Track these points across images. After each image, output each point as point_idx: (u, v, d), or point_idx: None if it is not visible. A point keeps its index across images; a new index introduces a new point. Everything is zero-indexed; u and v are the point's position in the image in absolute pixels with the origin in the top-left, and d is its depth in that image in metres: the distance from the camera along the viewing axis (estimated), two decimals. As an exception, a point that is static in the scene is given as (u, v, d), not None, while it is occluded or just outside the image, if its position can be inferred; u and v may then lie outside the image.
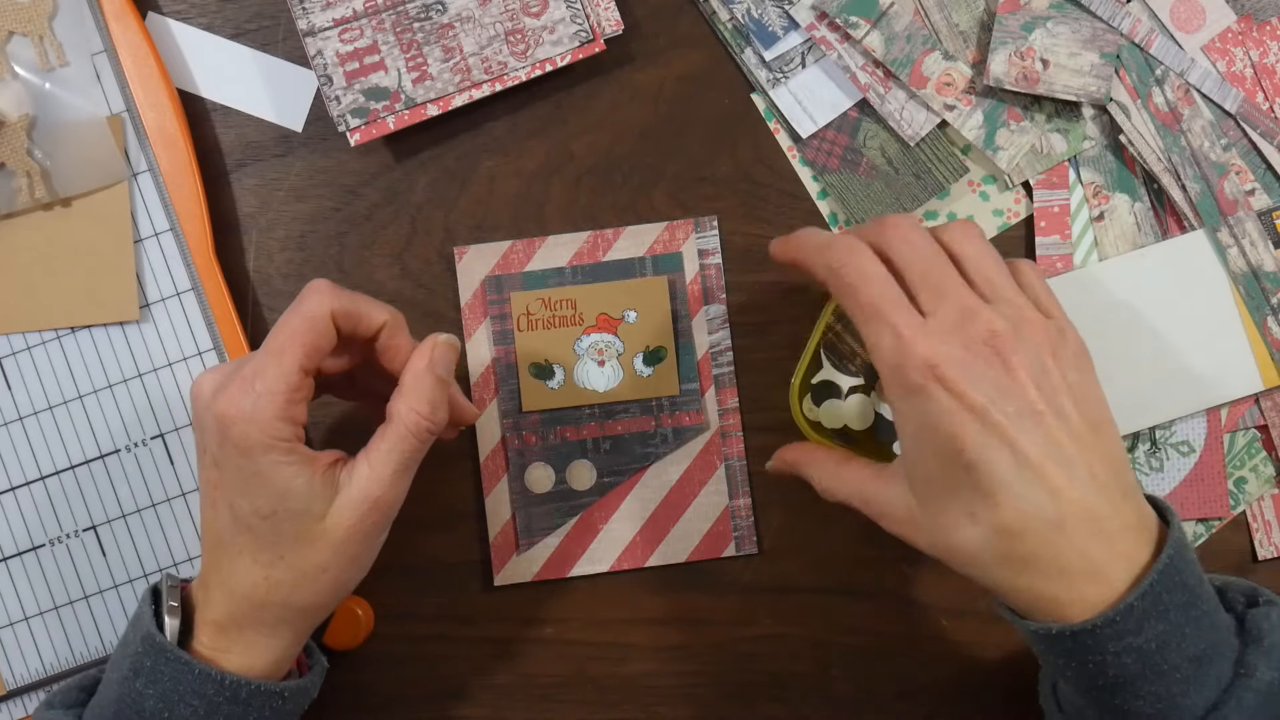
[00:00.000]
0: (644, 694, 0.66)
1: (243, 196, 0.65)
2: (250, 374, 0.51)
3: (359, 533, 0.53)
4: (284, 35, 0.65)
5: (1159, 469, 0.65)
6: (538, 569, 0.65)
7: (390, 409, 0.54)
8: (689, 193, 0.66)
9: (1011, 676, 0.66)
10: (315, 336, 0.52)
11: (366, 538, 0.53)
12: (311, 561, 0.52)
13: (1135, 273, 0.64)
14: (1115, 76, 0.64)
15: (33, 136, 0.62)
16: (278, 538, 0.52)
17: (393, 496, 0.53)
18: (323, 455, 0.53)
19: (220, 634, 0.53)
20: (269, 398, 0.51)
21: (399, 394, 0.54)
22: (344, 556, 0.53)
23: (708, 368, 0.65)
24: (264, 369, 0.51)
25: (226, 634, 0.53)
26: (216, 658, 0.53)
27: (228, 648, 0.53)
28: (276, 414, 0.51)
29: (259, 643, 0.53)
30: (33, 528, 0.64)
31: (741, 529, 0.65)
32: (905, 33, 0.64)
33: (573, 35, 0.63)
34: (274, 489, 0.51)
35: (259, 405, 0.51)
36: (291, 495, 0.51)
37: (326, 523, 0.52)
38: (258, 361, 0.52)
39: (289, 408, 0.51)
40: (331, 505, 0.52)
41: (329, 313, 0.52)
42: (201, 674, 0.51)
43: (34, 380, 0.64)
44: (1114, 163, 0.65)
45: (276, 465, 0.51)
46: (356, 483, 0.52)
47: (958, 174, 0.65)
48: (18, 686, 0.63)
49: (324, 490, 0.52)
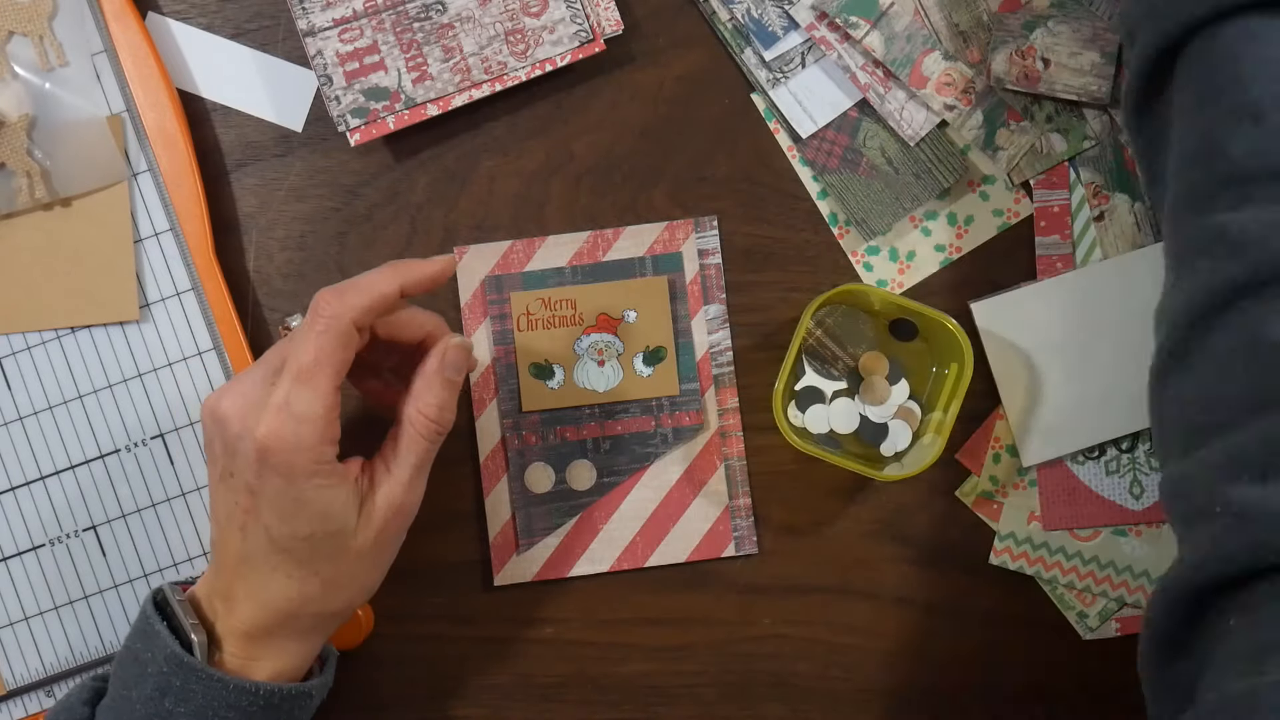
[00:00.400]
0: (644, 694, 0.66)
1: (243, 196, 0.65)
2: (284, 400, 0.51)
3: (386, 539, 0.54)
4: (284, 35, 0.65)
5: (1159, 469, 0.65)
6: (538, 569, 0.65)
7: (402, 413, 0.55)
8: (689, 193, 0.66)
9: (1012, 676, 0.66)
10: (345, 352, 0.52)
11: (392, 542, 0.55)
12: (343, 571, 0.53)
13: (1136, 273, 0.64)
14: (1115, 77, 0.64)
15: (33, 136, 0.62)
16: (314, 555, 0.52)
17: (414, 499, 0.55)
18: (351, 468, 0.53)
19: (251, 644, 0.53)
20: (310, 425, 0.50)
21: (409, 397, 0.55)
22: (371, 563, 0.55)
23: (707, 368, 0.65)
24: (299, 394, 0.51)
25: (257, 643, 0.53)
26: (247, 667, 0.53)
27: (259, 656, 0.53)
28: (319, 439, 0.51)
29: (290, 648, 0.54)
30: (33, 528, 0.64)
31: (741, 529, 0.65)
32: (905, 33, 0.64)
33: (573, 35, 0.63)
34: (315, 512, 0.51)
35: (301, 433, 0.50)
36: (330, 517, 0.52)
37: (357, 535, 0.53)
38: (290, 387, 0.51)
39: (329, 429, 0.51)
40: (360, 518, 0.53)
41: (350, 324, 0.52)
42: (237, 688, 0.52)
43: (34, 380, 0.63)
44: (1114, 163, 0.65)
45: (319, 490, 0.51)
46: (380, 492, 0.54)
47: (958, 174, 0.65)
48: (18, 686, 0.63)
49: (355, 503, 0.53)
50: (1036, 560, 0.66)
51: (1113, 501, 0.65)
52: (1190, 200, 0.51)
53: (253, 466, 0.51)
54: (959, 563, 0.66)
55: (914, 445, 0.64)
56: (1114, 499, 0.65)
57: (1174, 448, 0.51)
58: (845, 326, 0.65)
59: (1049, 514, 0.65)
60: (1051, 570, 0.66)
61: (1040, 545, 0.66)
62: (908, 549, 0.66)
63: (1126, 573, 0.65)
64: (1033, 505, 0.66)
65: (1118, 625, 0.66)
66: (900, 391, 0.65)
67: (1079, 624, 0.66)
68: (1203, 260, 0.50)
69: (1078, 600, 0.66)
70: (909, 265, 0.66)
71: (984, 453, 0.66)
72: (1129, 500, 0.65)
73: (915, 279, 0.66)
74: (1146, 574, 0.65)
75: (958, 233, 0.66)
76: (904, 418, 0.64)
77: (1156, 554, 0.66)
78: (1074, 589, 0.66)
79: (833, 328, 0.65)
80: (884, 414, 0.64)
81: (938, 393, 0.64)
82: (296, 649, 0.54)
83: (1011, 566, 0.66)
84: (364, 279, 0.54)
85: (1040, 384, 0.65)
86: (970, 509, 0.66)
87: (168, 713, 0.52)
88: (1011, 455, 0.65)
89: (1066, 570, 0.65)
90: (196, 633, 0.53)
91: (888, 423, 0.64)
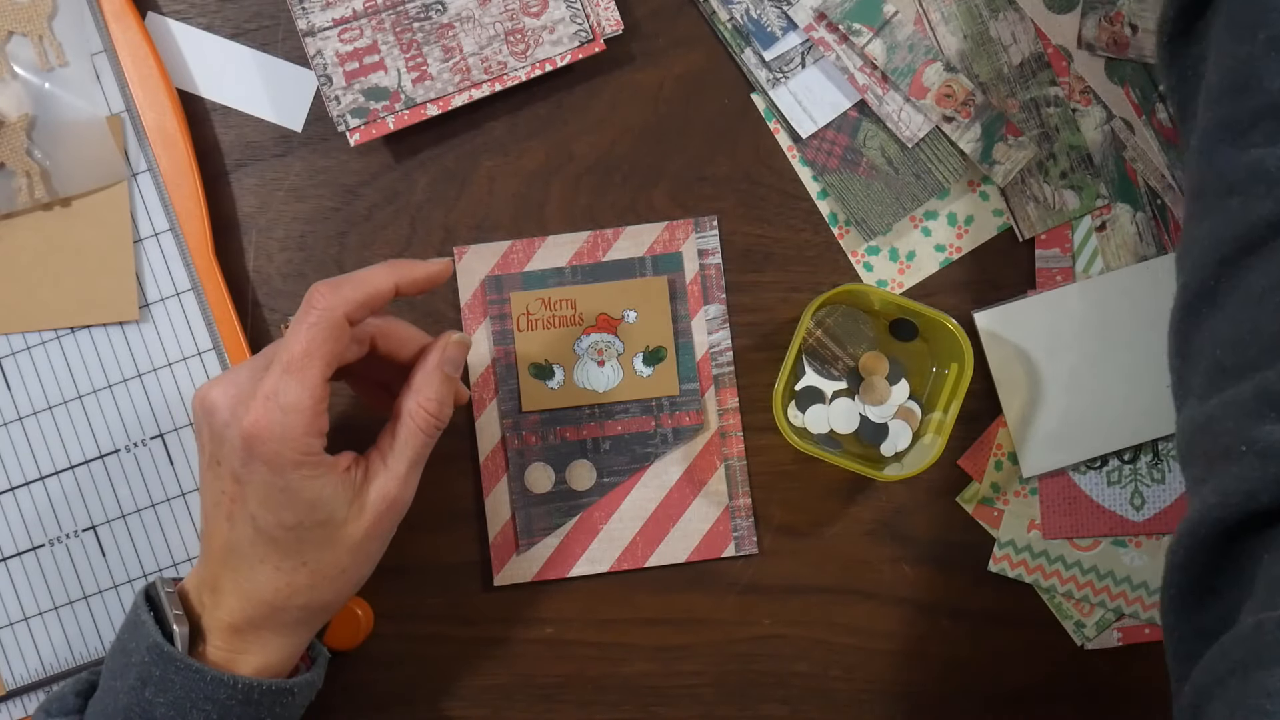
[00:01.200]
0: (644, 694, 0.66)
1: (242, 196, 0.65)
2: (272, 390, 0.51)
3: (376, 532, 0.54)
4: (284, 35, 0.65)
5: (1160, 480, 0.65)
6: (538, 569, 0.65)
7: (399, 406, 0.55)
8: (689, 193, 0.66)
9: (1011, 678, 0.66)
10: (335, 345, 0.52)
11: (383, 536, 0.55)
12: (331, 564, 0.53)
13: (1139, 285, 0.64)
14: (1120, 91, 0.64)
15: (32, 136, 0.62)
16: (301, 546, 0.52)
17: (407, 494, 0.54)
18: (340, 460, 0.53)
19: (236, 637, 0.53)
20: (297, 415, 0.50)
21: (409, 391, 0.55)
22: (361, 555, 0.54)
23: (707, 368, 0.65)
24: (287, 385, 0.51)
25: (243, 637, 0.53)
26: (232, 660, 0.53)
27: (244, 649, 0.53)
28: (305, 429, 0.51)
29: (275, 642, 0.54)
30: (32, 528, 0.64)
31: (741, 529, 0.65)
32: (908, 42, 0.63)
33: (572, 35, 0.63)
34: (302, 502, 0.51)
35: (288, 423, 0.50)
36: (318, 507, 0.52)
37: (348, 527, 0.53)
38: (279, 378, 0.51)
39: (316, 420, 0.51)
40: (350, 509, 0.53)
41: (343, 317, 0.52)
42: (214, 680, 0.52)
43: (34, 380, 0.63)
44: (1116, 173, 0.65)
45: (306, 480, 0.51)
46: (374, 484, 0.53)
47: (958, 174, 0.65)
48: (18, 686, 0.63)
49: (345, 495, 0.52)
50: (1035, 568, 0.65)
51: (1113, 512, 0.65)
52: (1222, 134, 0.49)
53: (239, 455, 0.51)
54: (959, 564, 0.66)
55: (914, 445, 0.64)
56: (1115, 509, 0.65)
57: (1196, 389, 0.49)
58: (845, 326, 0.65)
59: (1049, 522, 0.65)
60: (1050, 579, 0.65)
61: (1040, 553, 0.65)
62: (908, 549, 0.66)
63: (1125, 583, 0.65)
64: (1033, 513, 0.65)
65: (1119, 635, 0.66)
66: (900, 391, 0.65)
67: (1076, 633, 0.66)
68: (1233, 197, 0.48)
69: (1076, 610, 0.66)
70: (909, 265, 0.66)
71: (985, 459, 0.66)
72: (1130, 511, 0.65)
73: (915, 279, 0.66)
74: (1145, 585, 0.65)
75: (958, 233, 0.66)
76: (904, 418, 0.64)
77: (1156, 565, 0.65)
78: (1072, 598, 0.66)
79: (833, 328, 0.65)
80: (884, 414, 0.64)
81: (938, 393, 0.64)
82: (282, 644, 0.54)
83: (1010, 574, 0.66)
84: (359, 274, 0.54)
85: (1042, 394, 0.65)
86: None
87: (148, 703, 0.52)
88: (1013, 463, 0.65)
89: (1065, 579, 0.65)
90: (179, 624, 0.53)
91: (888, 423, 0.64)
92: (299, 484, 0.51)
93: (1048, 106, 0.64)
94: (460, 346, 0.56)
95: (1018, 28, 0.64)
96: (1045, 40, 0.64)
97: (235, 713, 0.52)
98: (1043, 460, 0.65)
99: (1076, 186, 0.65)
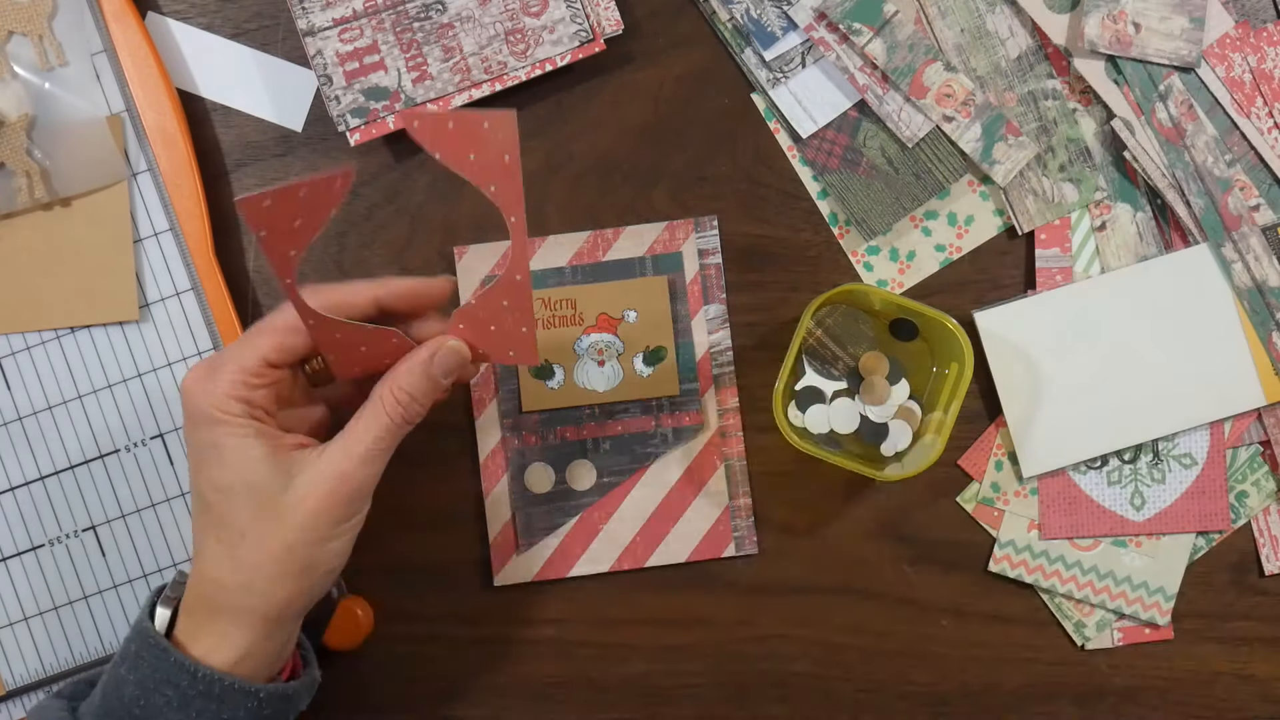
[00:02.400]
0: (644, 694, 0.66)
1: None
2: (218, 355, 0.53)
3: (325, 511, 0.52)
4: (284, 35, 0.65)
5: (1160, 480, 0.65)
6: (538, 569, 0.65)
7: (374, 390, 0.54)
8: (689, 193, 0.66)
9: (1011, 678, 0.66)
10: (287, 333, 0.53)
11: (333, 518, 0.52)
12: (276, 539, 0.51)
13: (1139, 285, 0.64)
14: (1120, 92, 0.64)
15: (32, 136, 0.62)
16: (235, 511, 0.51)
17: (362, 477, 0.52)
18: (288, 436, 0.53)
19: (189, 617, 0.53)
20: (225, 373, 0.52)
21: (388, 376, 0.54)
22: (311, 535, 0.52)
23: (707, 368, 0.65)
24: (232, 352, 0.52)
25: (194, 618, 0.53)
26: (187, 643, 0.52)
27: (194, 633, 0.52)
28: (228, 390, 0.51)
29: (230, 633, 0.52)
30: (32, 528, 0.64)
31: (741, 529, 0.65)
32: (908, 42, 0.63)
33: (573, 35, 0.63)
34: (230, 461, 0.51)
35: (213, 379, 0.52)
36: (247, 467, 0.51)
37: (289, 497, 0.51)
38: (231, 346, 0.53)
39: (243, 389, 0.52)
40: (294, 480, 0.52)
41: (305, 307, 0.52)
42: (176, 663, 0.51)
43: (34, 380, 0.63)
44: (1116, 173, 0.65)
45: (229, 437, 0.51)
46: (326, 458, 0.52)
47: (958, 174, 0.65)
48: (18, 686, 0.63)
49: (284, 465, 0.52)
50: (1035, 569, 0.65)
51: (1113, 512, 0.65)
52: None
53: (183, 413, 0.53)
54: (959, 564, 0.66)
55: (914, 445, 0.64)
56: (1115, 509, 0.65)
57: None
58: (845, 326, 0.65)
59: (1049, 523, 0.65)
60: (1050, 579, 0.65)
61: (1040, 554, 0.65)
62: (908, 549, 0.66)
63: (1125, 583, 0.65)
64: (1033, 513, 0.65)
65: (1120, 635, 0.66)
66: (900, 391, 0.65)
67: (1076, 633, 0.66)
68: None
69: (1075, 610, 0.66)
70: (909, 265, 0.66)
71: (985, 459, 0.66)
72: (1130, 511, 0.65)
73: (915, 279, 0.66)
74: (1145, 585, 0.65)
75: (958, 233, 0.66)
76: (904, 418, 0.64)
77: (1156, 565, 0.65)
78: (1072, 599, 0.66)
79: (833, 328, 0.65)
80: (884, 414, 0.64)
81: (938, 393, 0.64)
82: (235, 634, 0.52)
83: (1010, 574, 0.66)
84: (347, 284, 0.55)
85: (1042, 394, 0.65)
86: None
87: (120, 679, 0.52)
88: (1013, 463, 0.65)
89: (1065, 579, 0.65)
90: (165, 604, 0.53)
91: (888, 423, 0.64)
92: (223, 439, 0.51)
93: (1045, 99, 0.64)
94: (452, 354, 0.55)
95: (1014, 21, 0.64)
96: (1045, 40, 0.65)
97: (195, 705, 0.51)
98: (1043, 460, 0.65)
99: (1075, 179, 0.65)
